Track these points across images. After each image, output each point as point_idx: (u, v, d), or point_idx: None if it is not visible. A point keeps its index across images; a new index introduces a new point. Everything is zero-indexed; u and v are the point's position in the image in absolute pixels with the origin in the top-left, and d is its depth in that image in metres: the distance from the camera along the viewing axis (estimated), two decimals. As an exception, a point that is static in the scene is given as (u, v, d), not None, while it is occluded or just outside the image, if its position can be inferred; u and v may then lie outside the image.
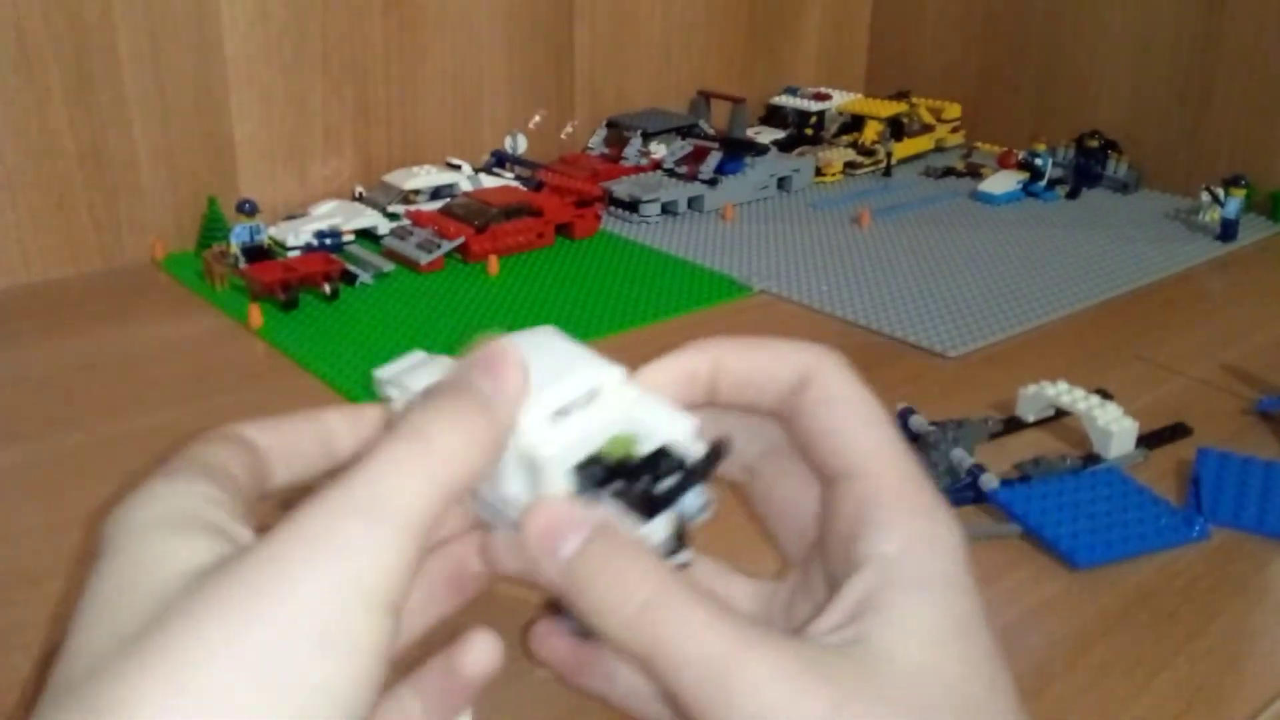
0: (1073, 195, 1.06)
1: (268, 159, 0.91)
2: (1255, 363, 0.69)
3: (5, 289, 0.80)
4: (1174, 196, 1.06)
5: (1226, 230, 0.93)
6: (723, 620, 0.23)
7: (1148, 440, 0.58)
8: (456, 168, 0.98)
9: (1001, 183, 1.06)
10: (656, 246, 0.91)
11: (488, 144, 1.05)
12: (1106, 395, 0.59)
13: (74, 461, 0.56)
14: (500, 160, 1.03)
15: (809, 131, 1.20)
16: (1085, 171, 1.08)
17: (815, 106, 1.21)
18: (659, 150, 1.08)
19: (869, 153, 1.14)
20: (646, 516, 0.26)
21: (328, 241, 0.85)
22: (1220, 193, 0.95)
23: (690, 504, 0.26)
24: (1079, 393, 0.59)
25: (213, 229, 0.85)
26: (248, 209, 0.80)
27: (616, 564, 0.25)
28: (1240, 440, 0.59)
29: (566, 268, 0.86)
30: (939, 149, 1.21)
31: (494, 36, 1.02)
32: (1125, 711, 0.40)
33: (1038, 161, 1.06)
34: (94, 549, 0.24)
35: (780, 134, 1.19)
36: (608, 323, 0.75)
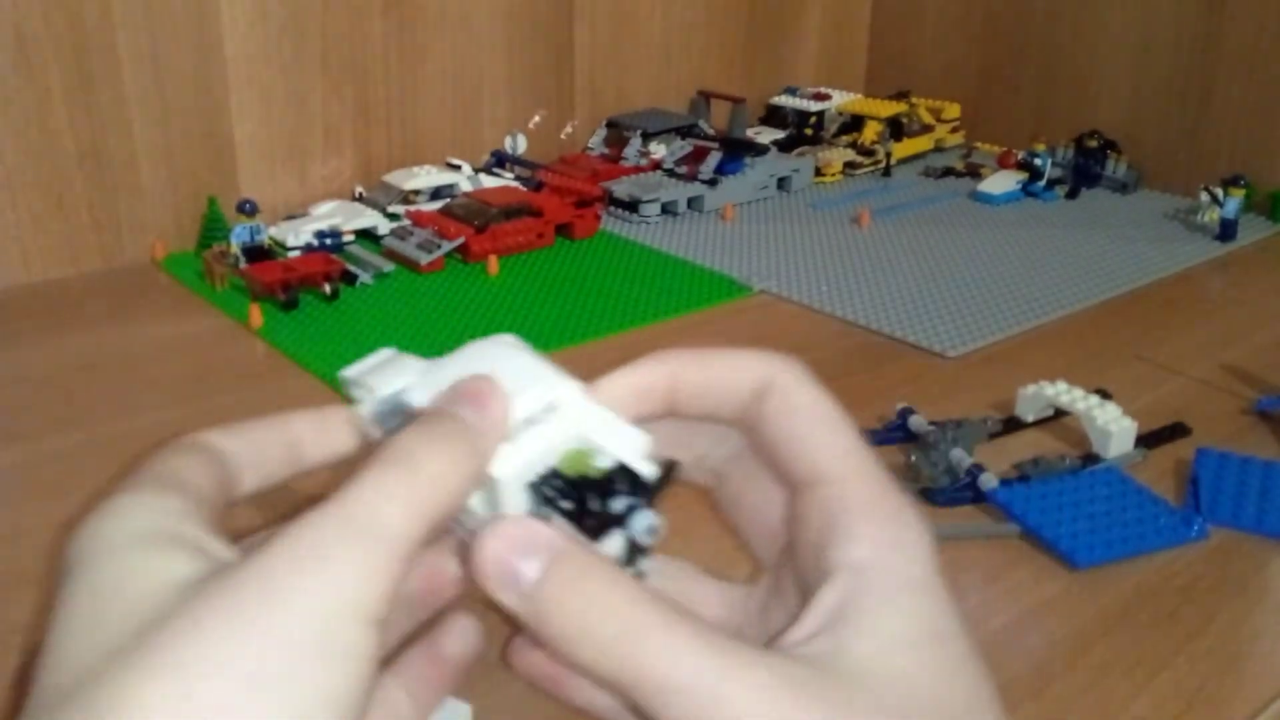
0: (1072, 195, 1.06)
1: (268, 159, 0.91)
2: (1254, 363, 0.69)
3: (5, 289, 0.80)
4: (1173, 196, 1.06)
5: (1226, 230, 0.93)
6: (708, 642, 0.23)
7: (1147, 440, 0.58)
8: (456, 168, 0.98)
9: (1001, 183, 1.06)
10: (656, 246, 0.91)
11: (488, 144, 1.05)
12: (1106, 395, 0.59)
13: (74, 461, 0.56)
14: (500, 160, 1.03)
15: (809, 131, 1.20)
16: (1085, 171, 1.08)
17: (815, 106, 1.21)
18: (659, 150, 1.08)
19: (869, 153, 1.14)
20: (595, 537, 0.26)
21: (328, 241, 0.85)
22: (1219, 193, 0.95)
23: (639, 525, 0.26)
24: (1078, 393, 0.59)
25: (213, 229, 0.85)
26: (248, 209, 0.80)
27: (586, 587, 0.24)
28: (1239, 440, 0.59)
29: (566, 268, 0.86)
30: (939, 149, 1.22)
31: (494, 36, 1.02)
32: (1125, 711, 0.40)
33: (1037, 161, 1.06)
34: (60, 564, 0.24)
35: (780, 134, 1.19)
36: (608, 323, 0.75)
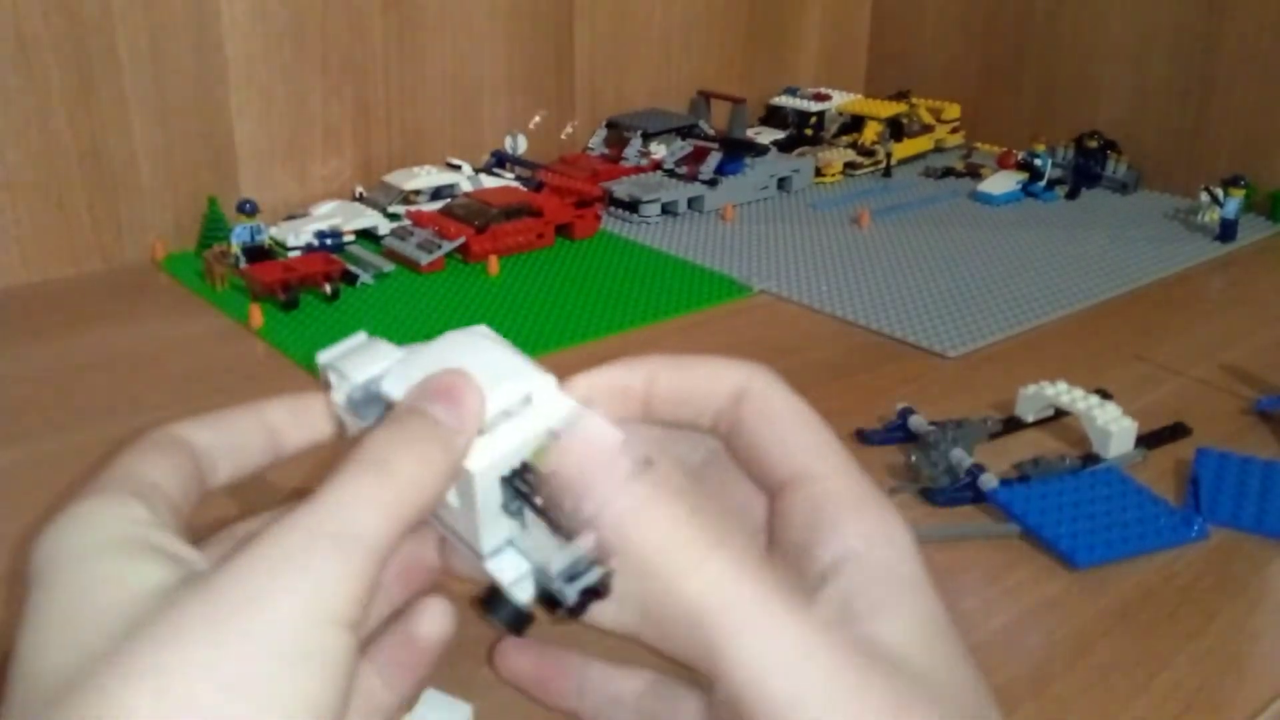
0: (1072, 195, 1.06)
1: (268, 159, 0.91)
2: (1254, 363, 0.69)
3: (5, 289, 0.80)
4: (1173, 196, 1.06)
5: (1226, 230, 0.93)
6: (780, 585, 0.24)
7: (1147, 440, 0.58)
8: (457, 168, 0.98)
9: (1001, 183, 1.06)
10: (656, 247, 0.91)
11: (488, 144, 1.05)
12: (1106, 395, 0.59)
13: (74, 461, 0.56)
14: (500, 160, 1.03)
15: (809, 132, 1.20)
16: (1085, 171, 1.08)
17: (815, 107, 1.21)
18: (659, 150, 1.08)
19: (869, 153, 1.14)
20: (568, 536, 0.26)
21: (328, 241, 0.85)
22: (1219, 193, 0.95)
23: None
24: (1078, 393, 0.59)
25: (213, 229, 0.85)
26: (248, 209, 0.80)
27: (672, 506, 0.25)
28: (1239, 440, 0.59)
29: (566, 268, 0.86)
30: (939, 149, 1.22)
31: (494, 36, 1.02)
32: (1125, 711, 0.40)
33: (1037, 162, 1.06)
34: (27, 570, 0.24)
35: (780, 134, 1.19)
36: (608, 323, 0.75)
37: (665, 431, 0.30)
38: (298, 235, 0.85)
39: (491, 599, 0.28)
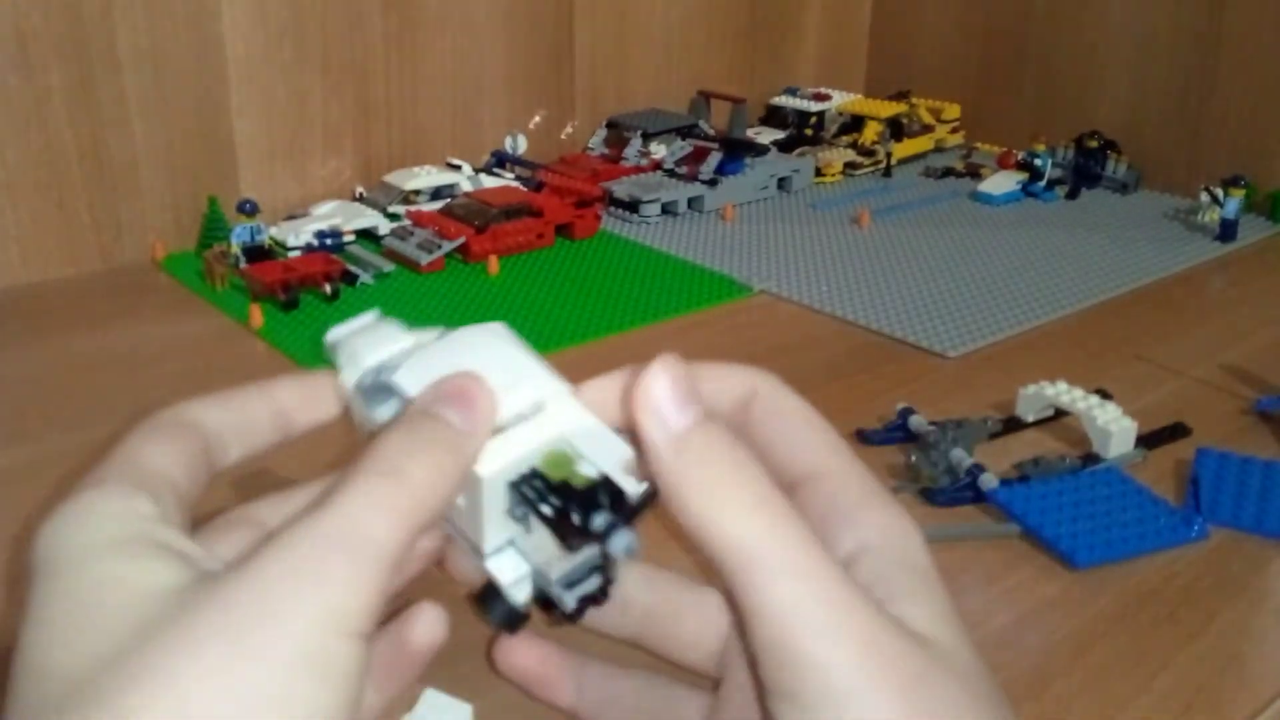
0: (1072, 195, 1.06)
1: (268, 159, 0.91)
2: (1255, 363, 0.69)
3: (5, 289, 0.80)
4: (1173, 197, 1.06)
5: (1226, 230, 0.93)
6: (827, 557, 0.24)
7: (1147, 440, 0.58)
8: (457, 168, 0.98)
9: (1001, 183, 1.06)
10: (656, 247, 0.91)
11: (488, 144, 1.05)
12: (1106, 395, 0.59)
13: (74, 461, 0.56)
14: (500, 160, 1.03)
15: (809, 132, 1.20)
16: (1085, 172, 1.08)
17: (815, 107, 1.21)
18: (659, 150, 1.08)
19: (869, 153, 1.14)
20: (571, 549, 0.26)
21: (328, 241, 0.85)
22: (1220, 193, 0.95)
23: (618, 544, 0.26)
24: (1078, 393, 0.59)
25: (213, 229, 0.85)
26: (248, 209, 0.80)
27: (733, 455, 0.25)
28: (1239, 440, 0.59)
29: (566, 268, 0.86)
30: (939, 149, 1.21)
31: (494, 36, 1.02)
32: (1125, 711, 0.40)
33: (1037, 162, 1.06)
34: (29, 564, 0.24)
35: (780, 134, 1.19)
36: (608, 323, 0.75)
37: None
38: (298, 235, 0.85)
39: (487, 596, 0.28)
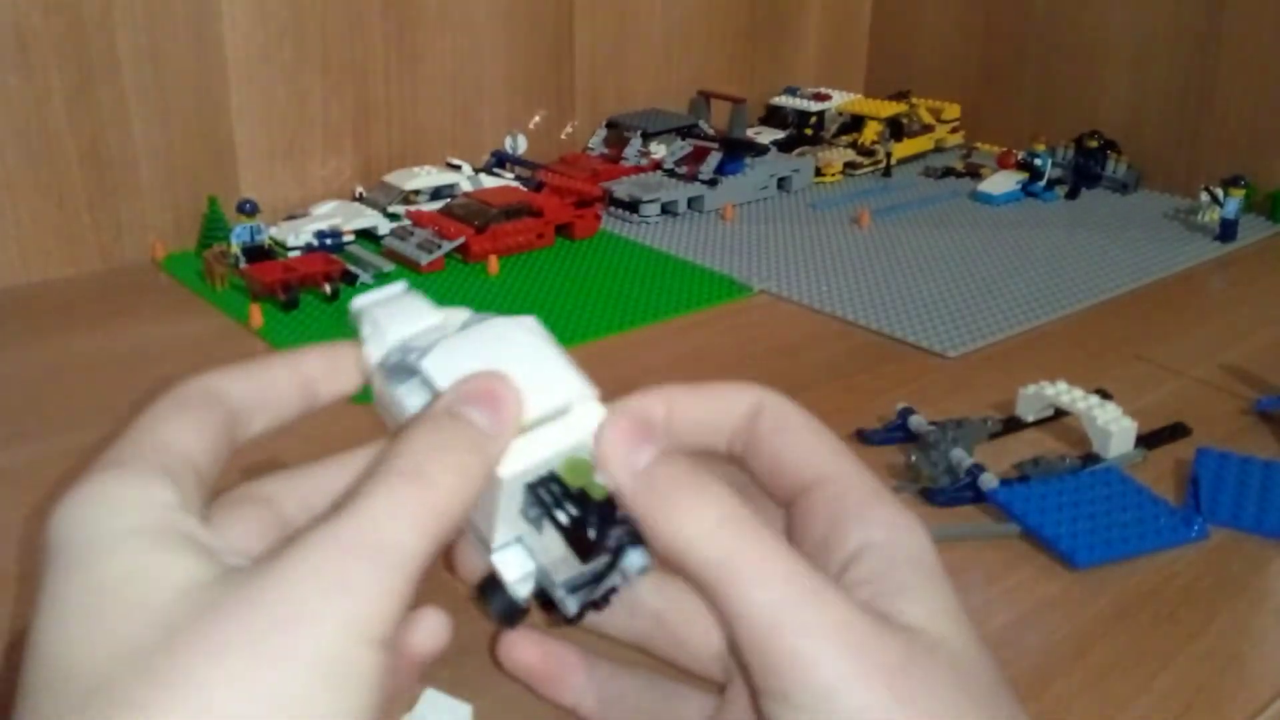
0: (1072, 195, 1.06)
1: (267, 159, 0.91)
2: (1255, 363, 0.69)
3: (5, 289, 0.80)
4: (1173, 196, 1.06)
5: (1226, 230, 0.93)
6: (798, 560, 0.25)
7: (1147, 440, 0.58)
8: (457, 168, 0.98)
9: (1001, 183, 1.06)
10: (656, 247, 0.91)
11: (488, 144, 1.05)
12: (1106, 395, 0.59)
13: (74, 461, 0.56)
14: (500, 160, 1.03)
15: (809, 132, 1.20)
16: (1085, 171, 1.08)
17: (815, 107, 1.21)
18: (659, 150, 1.08)
19: (869, 153, 1.14)
20: (584, 559, 0.26)
21: (328, 241, 0.85)
22: (1220, 193, 0.95)
23: (631, 561, 0.26)
24: (1078, 393, 0.59)
25: (213, 229, 0.85)
26: (248, 209, 0.80)
27: (694, 480, 0.26)
28: (1239, 440, 0.59)
29: (566, 268, 0.86)
30: (939, 149, 1.21)
31: (494, 36, 1.02)
32: (1125, 711, 0.40)
33: (1037, 162, 1.06)
34: (43, 547, 0.23)
35: (780, 134, 1.19)
36: (608, 323, 0.75)
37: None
38: (298, 235, 0.85)
39: (489, 588, 0.28)
